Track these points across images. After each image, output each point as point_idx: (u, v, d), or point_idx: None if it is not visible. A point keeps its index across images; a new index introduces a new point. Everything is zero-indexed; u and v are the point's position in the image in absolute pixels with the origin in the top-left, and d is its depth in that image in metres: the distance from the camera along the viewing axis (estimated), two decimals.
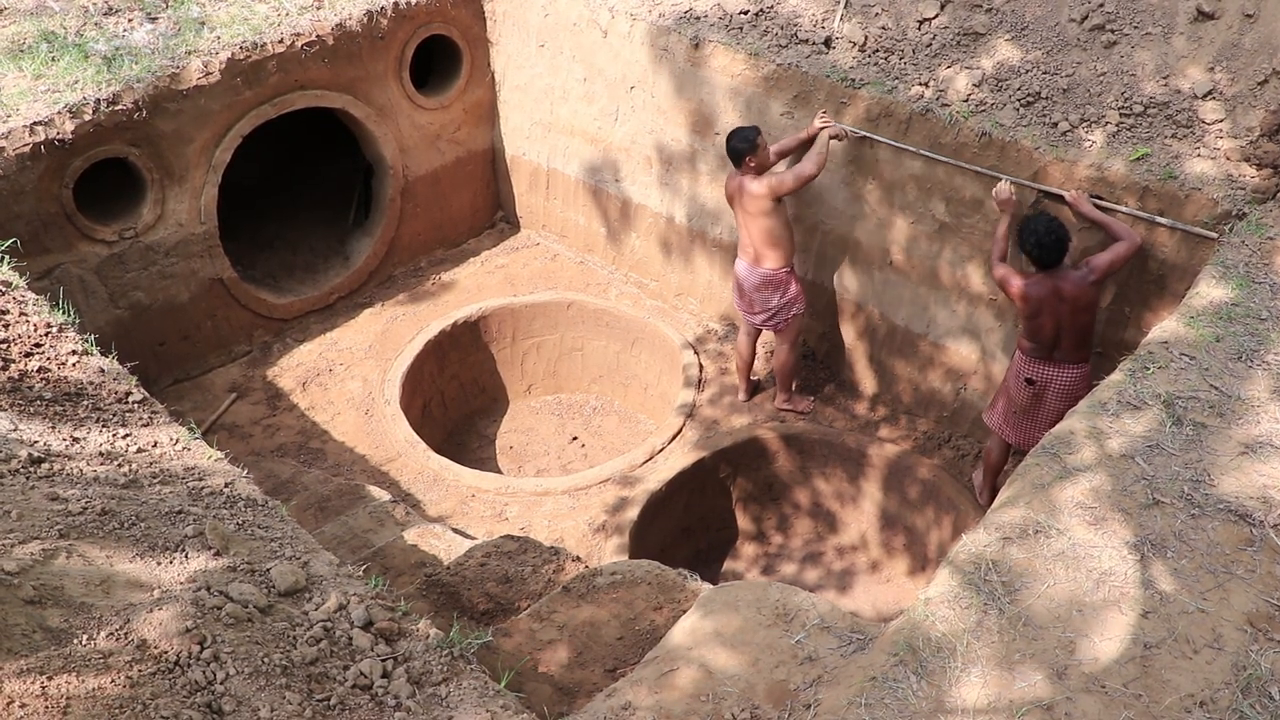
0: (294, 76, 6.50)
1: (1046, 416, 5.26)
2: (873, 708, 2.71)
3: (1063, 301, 5.04)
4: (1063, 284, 5.02)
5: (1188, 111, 5.00)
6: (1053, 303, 5.06)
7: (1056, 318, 5.09)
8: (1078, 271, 5.03)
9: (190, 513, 3.33)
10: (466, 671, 2.87)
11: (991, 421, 5.63)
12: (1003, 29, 5.55)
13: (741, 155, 5.78)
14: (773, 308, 6.18)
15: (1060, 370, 5.20)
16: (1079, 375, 5.21)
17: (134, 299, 6.35)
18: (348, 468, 6.23)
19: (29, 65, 5.89)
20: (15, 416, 3.69)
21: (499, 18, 7.41)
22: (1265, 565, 3.04)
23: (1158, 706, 2.67)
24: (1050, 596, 2.98)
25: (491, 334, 7.46)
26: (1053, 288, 5.04)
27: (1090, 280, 4.99)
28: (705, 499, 6.50)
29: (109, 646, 2.52)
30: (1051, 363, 5.21)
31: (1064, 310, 5.05)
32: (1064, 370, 5.20)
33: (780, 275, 6.08)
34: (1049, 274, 5.05)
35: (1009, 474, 5.41)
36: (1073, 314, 5.05)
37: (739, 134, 5.78)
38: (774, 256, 6.02)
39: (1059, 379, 5.21)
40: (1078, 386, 5.18)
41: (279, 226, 8.00)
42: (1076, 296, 5.01)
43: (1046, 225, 5.01)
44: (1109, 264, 4.98)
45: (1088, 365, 5.23)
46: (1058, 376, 5.21)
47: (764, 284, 6.10)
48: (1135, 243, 4.96)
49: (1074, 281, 5.01)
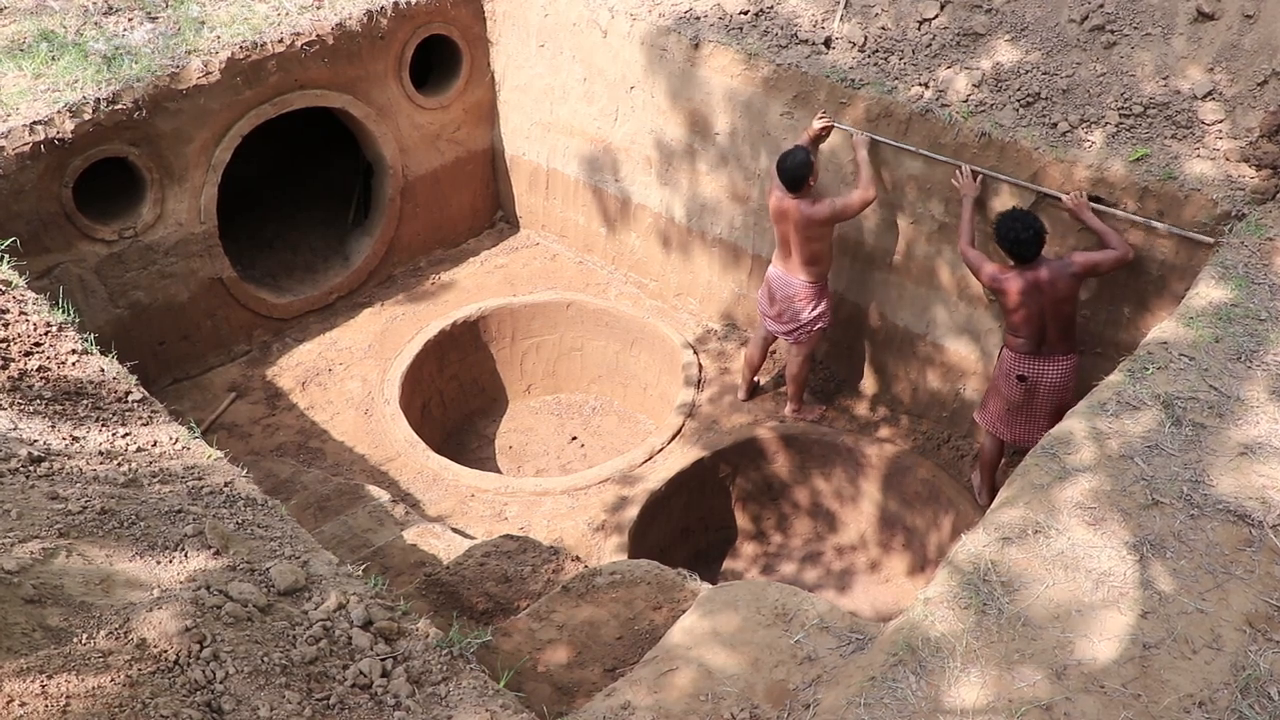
0: (294, 76, 6.50)
1: (1041, 411, 5.32)
2: (872, 707, 2.71)
3: (1043, 293, 5.07)
4: (1041, 275, 5.06)
5: (1187, 112, 5.01)
6: (1034, 295, 5.09)
7: (1039, 309, 5.12)
8: (1058, 261, 5.08)
9: (190, 512, 3.33)
10: (466, 671, 2.87)
11: (984, 421, 5.65)
12: (1002, 29, 5.55)
13: (804, 180, 5.62)
14: (802, 321, 6.09)
15: (1050, 364, 5.24)
16: (1069, 367, 5.26)
17: (134, 298, 6.35)
18: (347, 467, 6.23)
19: (29, 64, 5.89)
20: (15, 415, 3.69)
21: (499, 17, 7.41)
22: (1264, 566, 3.04)
23: (1156, 706, 2.67)
24: (1049, 597, 2.98)
25: (491, 334, 7.46)
26: (1033, 280, 5.08)
27: (1070, 272, 5.04)
28: (705, 499, 6.50)
29: (108, 645, 2.52)
30: (1040, 357, 5.25)
31: (1045, 301, 5.09)
32: (1054, 363, 5.24)
33: (816, 289, 6.01)
34: (1028, 267, 5.10)
35: (1006, 472, 5.49)
36: (1054, 305, 5.09)
37: (797, 159, 5.57)
38: (815, 271, 5.95)
39: (1050, 372, 5.25)
40: (1068, 378, 5.25)
41: (279, 226, 8.00)
42: (1056, 287, 5.05)
43: (1023, 221, 5.05)
44: (1092, 264, 5.03)
45: (1076, 356, 5.28)
46: (1049, 370, 5.25)
47: (798, 295, 6.02)
48: (1126, 256, 4.99)
49: (1053, 271, 5.05)
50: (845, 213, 5.67)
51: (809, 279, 5.96)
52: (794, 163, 5.60)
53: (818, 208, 5.66)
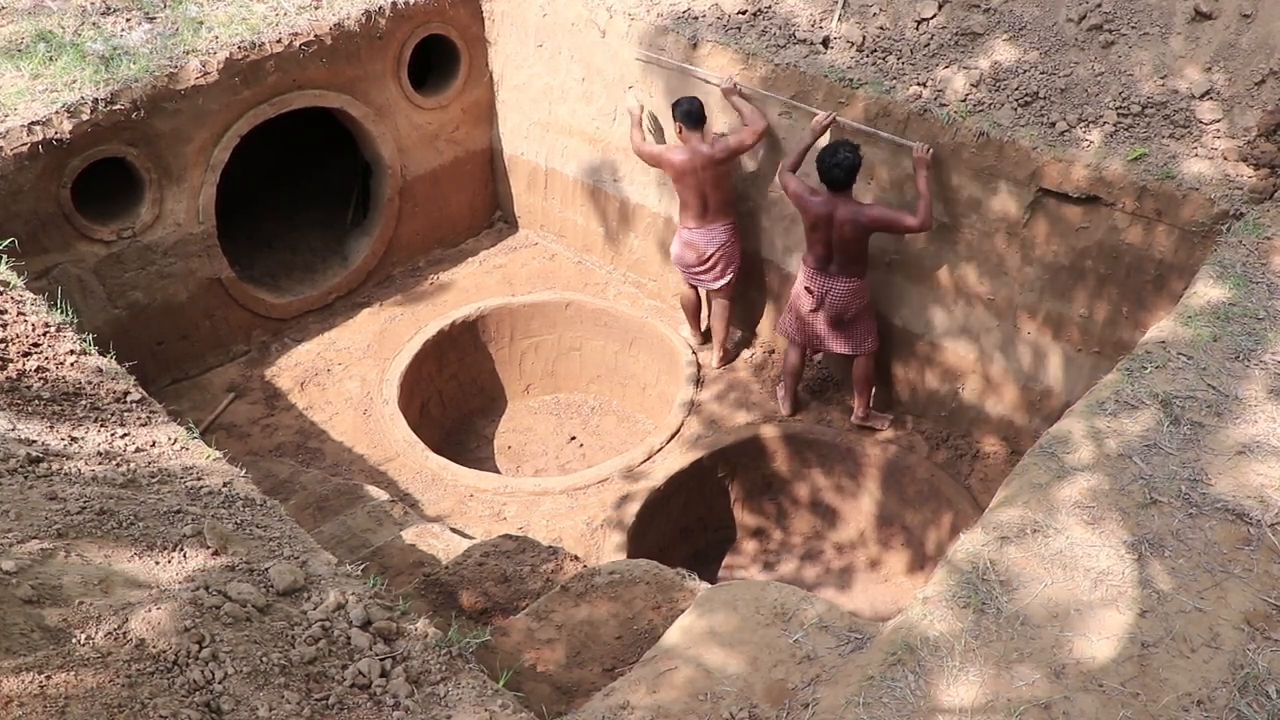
0: (292, 76, 6.50)
1: (827, 321, 6.07)
2: (871, 707, 2.71)
3: (832, 226, 5.69)
4: (837, 210, 5.64)
5: (1185, 111, 5.01)
6: (825, 223, 5.71)
7: (827, 237, 5.76)
8: (857, 205, 5.63)
9: (189, 512, 3.33)
10: (465, 671, 2.87)
11: (784, 329, 6.38)
12: (1000, 29, 5.55)
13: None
14: (720, 267, 6.56)
15: (835, 282, 5.92)
16: (852, 287, 5.92)
17: (132, 299, 6.35)
18: (346, 467, 6.23)
19: (27, 65, 5.88)
20: (13, 416, 3.69)
21: (497, 17, 7.41)
22: (1262, 564, 3.04)
23: (1155, 705, 2.67)
24: (1048, 596, 2.99)
25: (490, 334, 7.46)
26: (829, 210, 5.66)
27: (862, 219, 5.60)
28: (704, 498, 6.50)
29: (107, 646, 2.52)
30: (827, 275, 5.93)
31: (833, 233, 5.71)
32: (838, 282, 5.91)
33: (734, 233, 6.54)
34: (832, 196, 5.65)
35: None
36: (841, 239, 5.71)
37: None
38: (731, 213, 6.51)
39: (835, 290, 5.93)
40: (851, 297, 5.94)
41: (277, 226, 8.00)
42: (846, 225, 5.63)
43: (840, 153, 5.52)
44: (886, 221, 5.57)
45: (859, 281, 5.92)
46: (834, 287, 5.92)
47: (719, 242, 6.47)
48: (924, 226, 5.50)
49: (850, 211, 5.61)
50: (741, 148, 6.14)
51: (727, 222, 6.45)
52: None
53: (718, 147, 6.15)
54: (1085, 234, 5.24)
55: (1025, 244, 5.53)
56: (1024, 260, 5.58)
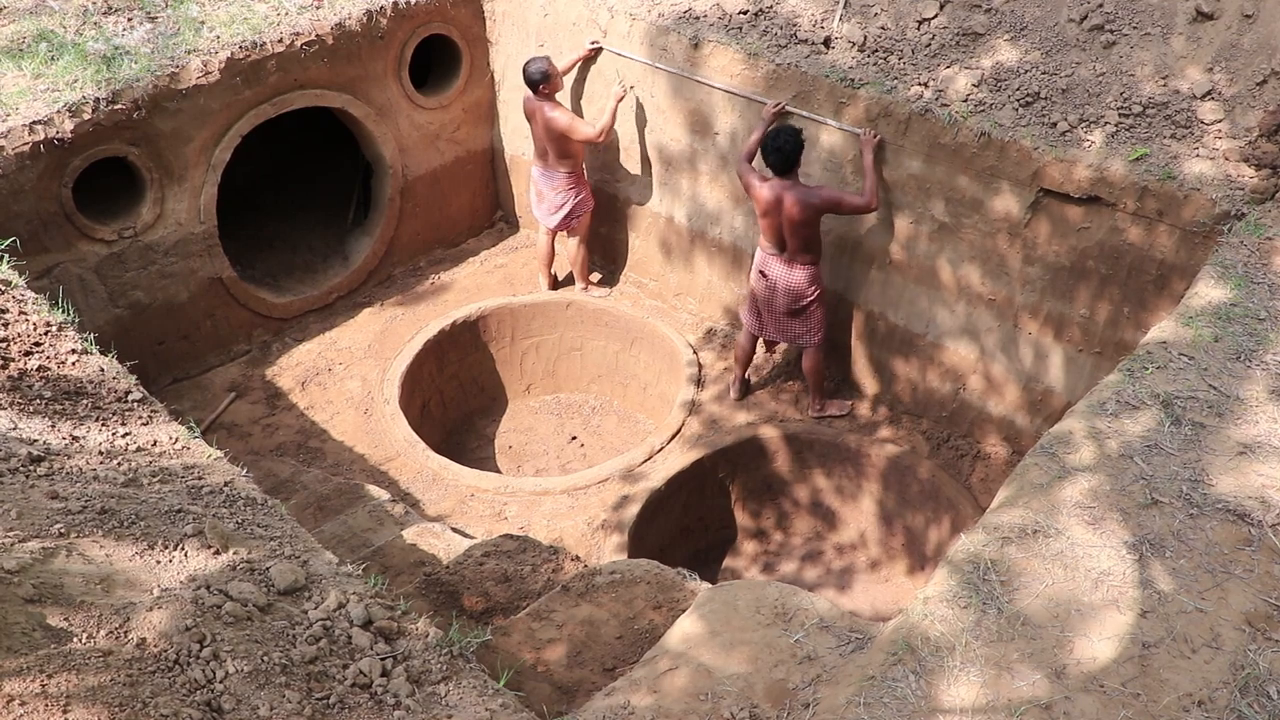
0: (293, 76, 6.50)
1: (780, 307, 6.13)
2: (871, 707, 2.71)
3: (783, 210, 5.74)
4: (786, 194, 5.70)
5: (1186, 112, 5.01)
6: (776, 208, 5.76)
7: (779, 221, 5.80)
8: (806, 188, 5.72)
9: (190, 511, 3.33)
10: (466, 670, 2.87)
11: (741, 315, 6.46)
12: (1002, 29, 5.55)
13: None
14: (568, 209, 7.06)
15: (788, 268, 5.99)
16: (805, 275, 5.99)
17: (133, 298, 6.35)
18: (347, 467, 6.23)
19: (28, 64, 5.88)
20: (15, 415, 3.69)
21: (498, 17, 7.41)
22: (1263, 565, 3.04)
23: (1156, 706, 2.67)
24: (1048, 596, 2.99)
25: (490, 333, 7.46)
26: (778, 195, 5.72)
27: (812, 201, 5.67)
28: (705, 498, 6.50)
29: (109, 645, 2.52)
30: (780, 260, 5.99)
31: (784, 217, 5.76)
32: (791, 268, 5.98)
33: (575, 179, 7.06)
34: (779, 181, 5.73)
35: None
36: (791, 223, 5.75)
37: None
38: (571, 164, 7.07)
39: (788, 275, 6.00)
40: (804, 283, 6.01)
41: (278, 226, 8.00)
42: (795, 208, 5.68)
43: (781, 138, 5.63)
44: (835, 202, 5.69)
45: (811, 268, 5.99)
46: (786, 274, 6.00)
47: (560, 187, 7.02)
48: (869, 206, 5.67)
49: (799, 194, 5.68)
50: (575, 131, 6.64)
51: (569, 170, 6.94)
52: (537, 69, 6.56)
53: (557, 114, 6.68)
54: (1086, 234, 5.24)
55: (1027, 244, 5.53)
56: (1025, 260, 5.58)
